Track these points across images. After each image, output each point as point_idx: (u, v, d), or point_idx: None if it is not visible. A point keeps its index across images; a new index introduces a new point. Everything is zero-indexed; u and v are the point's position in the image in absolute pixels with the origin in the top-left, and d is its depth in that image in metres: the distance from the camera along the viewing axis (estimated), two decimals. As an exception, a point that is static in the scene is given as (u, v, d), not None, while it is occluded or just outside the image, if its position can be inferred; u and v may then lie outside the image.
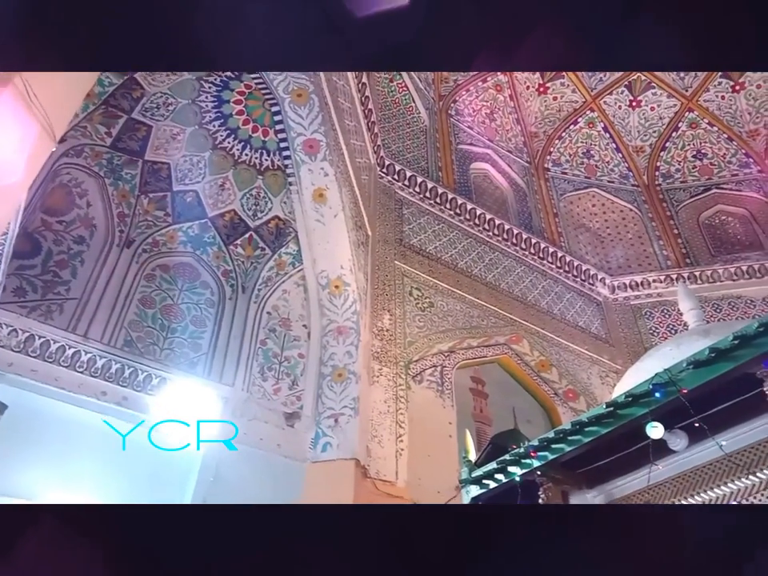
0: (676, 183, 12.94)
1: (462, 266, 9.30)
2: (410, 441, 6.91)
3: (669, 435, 3.47)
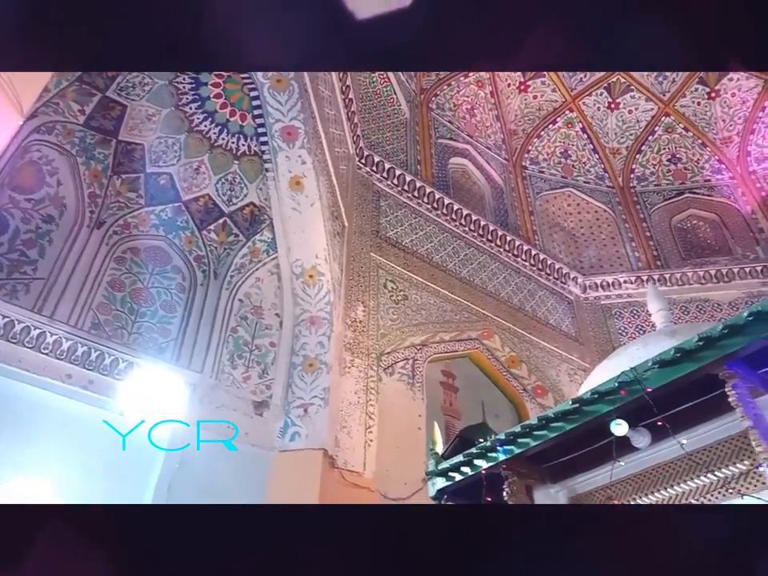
0: (650, 186, 13.13)
1: (438, 260, 9.33)
2: (379, 432, 6.92)
3: (632, 433, 3.53)
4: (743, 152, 12.88)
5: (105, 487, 5.16)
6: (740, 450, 3.30)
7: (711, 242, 12.09)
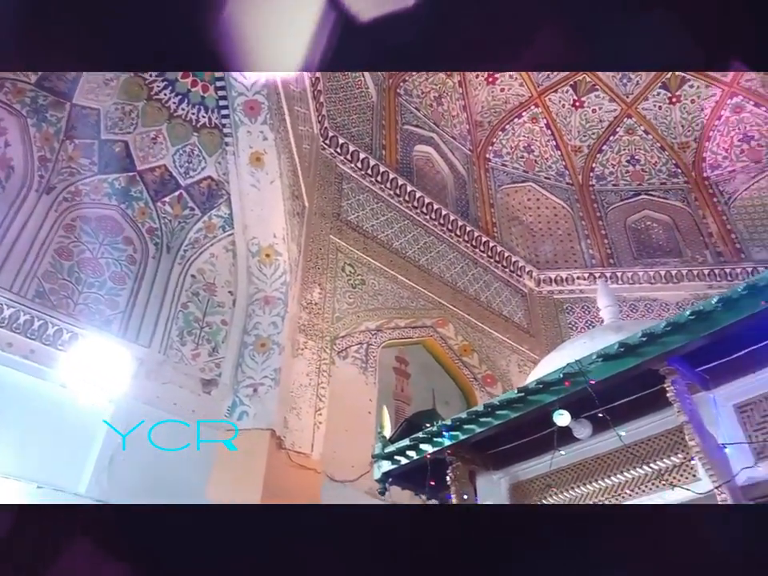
0: (608, 186, 13.40)
1: (397, 247, 9.33)
2: (329, 415, 6.91)
3: (574, 423, 3.61)
4: (699, 158, 13.27)
5: (41, 460, 5.01)
6: (675, 443, 3.42)
7: (663, 244, 12.44)
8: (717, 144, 13.17)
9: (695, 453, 3.08)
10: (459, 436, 3.99)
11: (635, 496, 3.50)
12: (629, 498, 3.53)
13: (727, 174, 12.95)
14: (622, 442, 3.43)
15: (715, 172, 13.07)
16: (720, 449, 3.12)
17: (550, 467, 3.78)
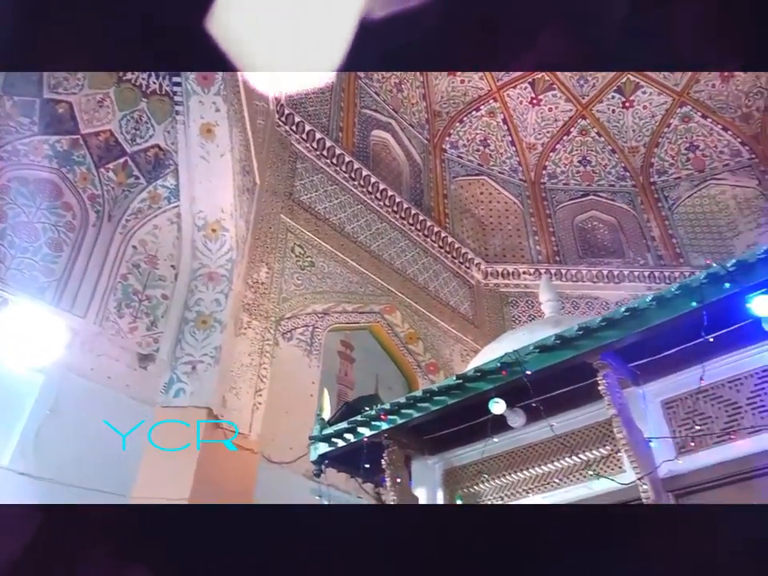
0: (559, 184, 13.67)
1: (349, 231, 9.27)
2: (269, 396, 6.84)
3: (509, 412, 3.67)
4: (647, 163, 13.67)
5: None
6: (604, 435, 3.52)
7: (607, 244, 12.80)
8: (664, 151, 13.59)
9: (622, 445, 3.18)
10: (397, 420, 4.00)
11: (563, 485, 3.60)
12: (557, 486, 3.62)
13: (672, 180, 13.39)
14: (553, 432, 3.51)
15: (661, 178, 13.49)
16: (645, 442, 3.23)
17: (483, 454, 3.83)
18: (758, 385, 3.11)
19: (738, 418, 3.10)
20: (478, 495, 3.99)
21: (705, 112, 13.29)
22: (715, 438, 3.12)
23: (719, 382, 3.20)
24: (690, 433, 3.20)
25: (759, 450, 2.95)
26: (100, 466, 5.19)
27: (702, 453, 3.13)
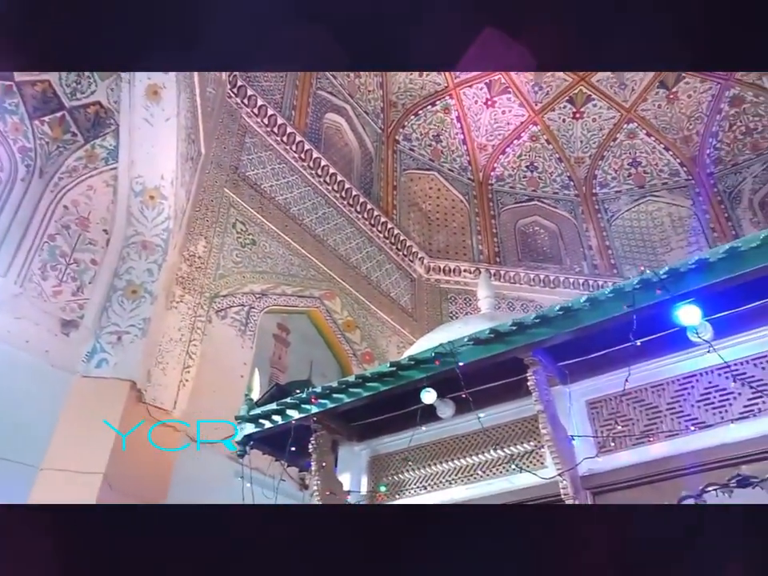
0: (506, 187, 13.90)
1: (294, 212, 9.11)
2: (197, 374, 6.65)
3: (439, 402, 3.68)
4: (591, 174, 14.08)
5: None
6: (529, 431, 3.58)
7: (547, 250, 13.13)
8: (608, 164, 14.03)
9: (545, 441, 3.24)
10: (327, 404, 3.94)
11: (486, 477, 3.64)
12: (480, 479, 3.66)
13: (613, 193, 13.85)
14: (480, 425, 3.53)
15: (603, 190, 13.93)
16: (568, 440, 3.30)
17: (410, 443, 3.83)
18: (678, 391, 3.23)
19: (657, 422, 3.21)
20: (402, 484, 3.99)
21: (649, 130, 13.79)
22: (634, 440, 3.22)
23: (642, 386, 3.30)
24: (611, 433, 3.29)
25: (674, 453, 3.07)
26: (10, 434, 4.91)
27: (621, 453, 3.22)
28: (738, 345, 3.15)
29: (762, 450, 2.88)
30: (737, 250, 2.80)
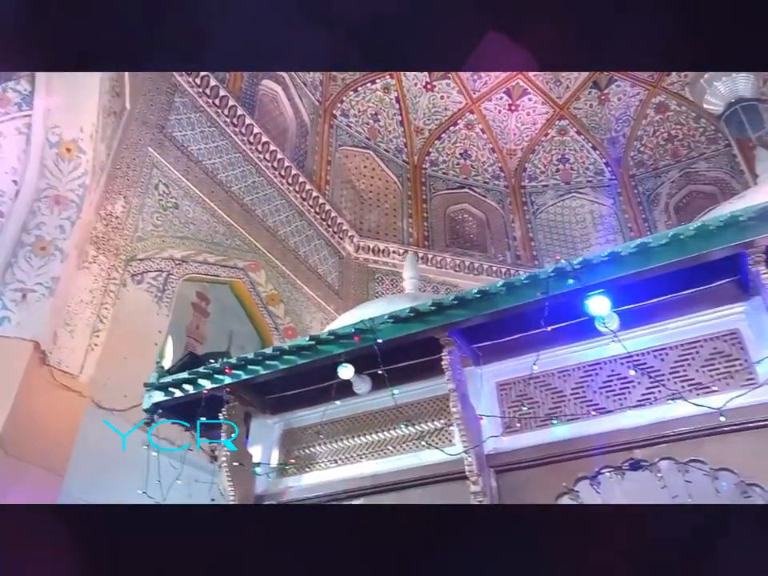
0: (439, 173, 14.03)
1: (222, 179, 8.84)
2: (108, 339, 6.37)
3: (356, 378, 3.69)
4: (521, 167, 14.43)
5: None
6: (440, 409, 3.65)
7: (473, 237, 13.40)
8: (539, 158, 14.42)
9: (455, 419, 3.32)
10: (242, 375, 3.88)
11: (396, 453, 3.69)
12: (390, 454, 3.71)
13: (541, 187, 14.27)
14: (394, 401, 3.57)
15: (531, 183, 14.32)
16: (477, 419, 3.39)
17: (324, 418, 3.83)
18: (582, 377, 3.38)
19: (561, 405, 3.35)
20: (313, 457, 3.99)
21: (579, 128, 14.25)
22: (539, 422, 3.35)
23: (550, 370, 3.43)
24: (517, 414, 3.41)
25: (575, 435, 3.21)
26: None
27: (526, 434, 3.35)
28: (641, 336, 3.32)
29: (655, 436, 3.06)
30: (647, 246, 2.94)
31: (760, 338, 3.05)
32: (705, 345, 3.20)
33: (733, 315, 3.21)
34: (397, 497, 3.55)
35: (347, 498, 3.69)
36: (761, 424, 2.90)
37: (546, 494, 3.13)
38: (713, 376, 3.11)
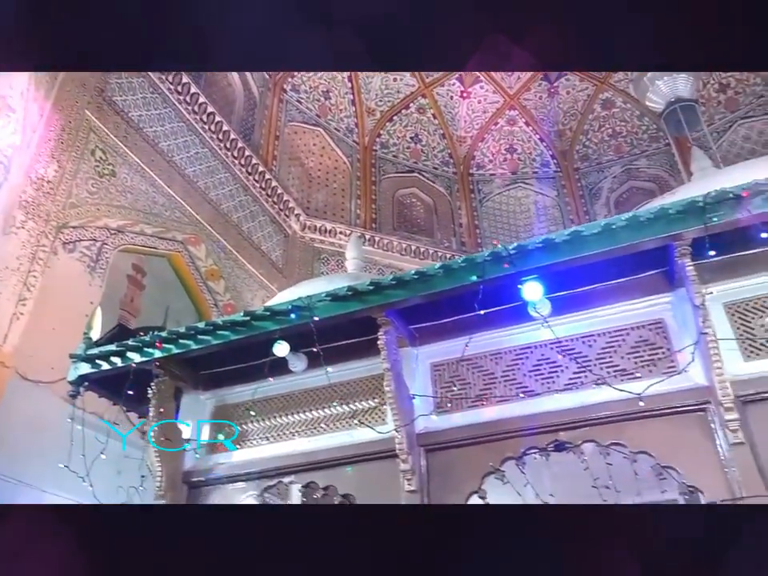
0: (389, 155, 13.98)
1: (164, 147, 8.53)
2: (36, 308, 6.08)
3: (291, 356, 3.65)
4: (470, 155, 14.53)
5: None
6: (375, 388, 3.66)
7: (421, 222, 13.46)
8: (487, 147, 14.56)
9: (388, 399, 3.34)
10: (173, 350, 3.78)
11: (328, 431, 3.69)
12: (323, 432, 3.70)
13: (488, 176, 14.43)
14: (328, 380, 3.55)
15: (479, 171, 14.47)
16: (409, 399, 3.42)
17: (257, 395, 3.78)
18: (513, 360, 3.45)
19: (492, 387, 3.41)
20: (245, 434, 3.94)
21: (528, 119, 14.45)
22: (470, 402, 3.40)
23: (483, 353, 3.49)
24: (449, 395, 3.45)
25: (504, 417, 3.28)
26: None
27: (456, 414, 3.40)
28: (571, 323, 3.41)
29: (579, 419, 3.16)
30: (580, 234, 3.00)
31: (683, 327, 3.18)
32: (631, 333, 3.32)
33: (659, 305, 3.33)
34: (328, 474, 3.55)
35: (278, 475, 3.67)
36: (678, 410, 3.04)
37: (473, 473, 3.19)
38: (637, 363, 3.23)
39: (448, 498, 3.20)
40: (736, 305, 3.14)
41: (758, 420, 2.86)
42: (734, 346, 3.01)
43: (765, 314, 3.07)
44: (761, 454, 2.77)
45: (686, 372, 2.99)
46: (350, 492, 3.42)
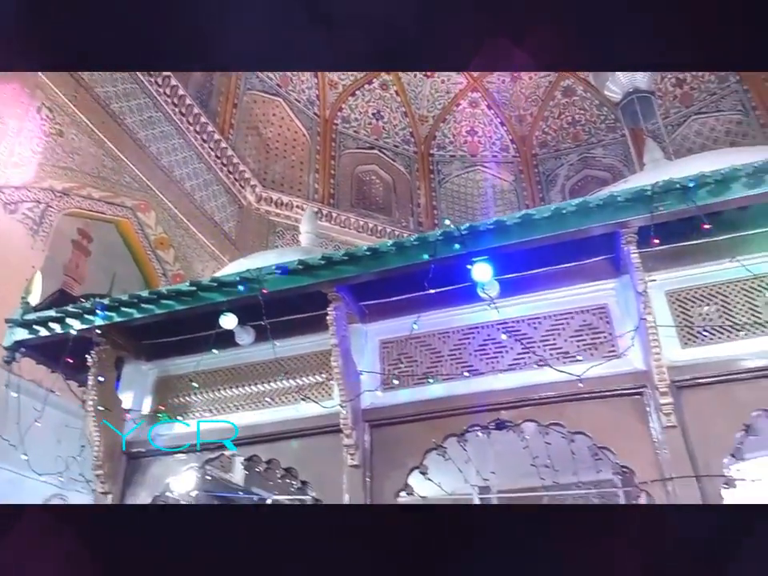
0: (350, 130, 13.82)
1: (116, 109, 8.20)
2: (-29, 270, 5.81)
3: (239, 329, 3.59)
4: (431, 134, 14.51)
5: None
6: (322, 364, 3.64)
7: (379, 200, 13.40)
8: (449, 127, 14.55)
9: (335, 374, 3.33)
10: (114, 318, 3.66)
11: (274, 405, 3.66)
12: (268, 406, 3.67)
13: (448, 157, 14.45)
14: (275, 354, 3.51)
15: (439, 152, 14.46)
16: (357, 375, 3.42)
17: (201, 367, 3.71)
18: (460, 340, 3.48)
19: (438, 366, 3.44)
20: (188, 406, 3.87)
21: (490, 103, 14.49)
22: (416, 380, 3.42)
23: (431, 332, 3.51)
24: (396, 372, 3.46)
25: (448, 395, 3.32)
26: None
27: (403, 391, 3.42)
28: (518, 304, 3.46)
29: (520, 398, 3.22)
30: (530, 217, 3.03)
31: (625, 313, 3.26)
32: (576, 317, 3.39)
33: (604, 291, 3.41)
34: (271, 448, 3.53)
35: (220, 447, 3.63)
36: (616, 393, 3.13)
37: (416, 449, 3.22)
38: (579, 346, 3.30)
39: (390, 474, 3.23)
40: (677, 293, 3.23)
41: (690, 405, 2.97)
42: (672, 333, 3.10)
43: (704, 303, 3.18)
44: (691, 437, 2.88)
45: (626, 356, 3.08)
46: (293, 465, 3.42)
